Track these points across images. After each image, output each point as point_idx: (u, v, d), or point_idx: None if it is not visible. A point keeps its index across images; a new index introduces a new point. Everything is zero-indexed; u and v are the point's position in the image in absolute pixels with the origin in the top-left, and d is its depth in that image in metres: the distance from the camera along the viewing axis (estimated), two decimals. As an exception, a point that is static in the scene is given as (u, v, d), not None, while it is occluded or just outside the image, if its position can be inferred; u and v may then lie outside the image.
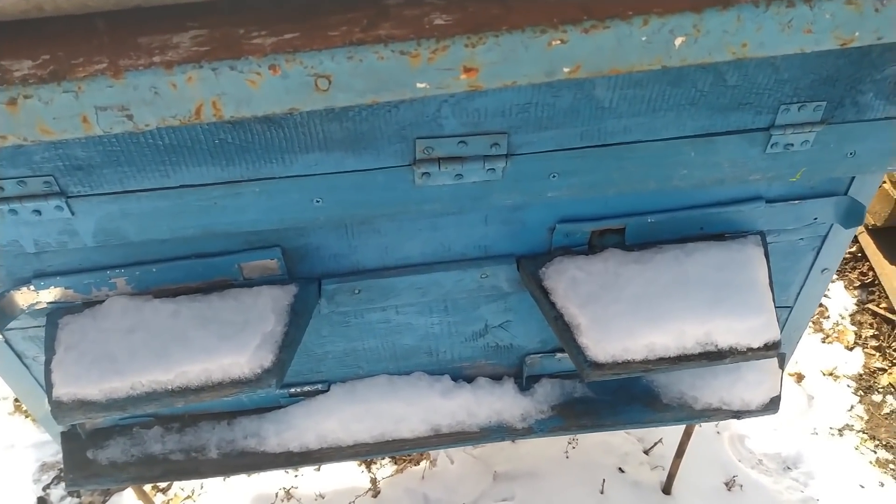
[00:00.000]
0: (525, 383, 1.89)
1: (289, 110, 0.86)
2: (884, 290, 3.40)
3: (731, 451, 2.79)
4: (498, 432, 1.84)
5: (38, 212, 1.29)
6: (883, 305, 3.40)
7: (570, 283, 1.51)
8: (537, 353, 1.86)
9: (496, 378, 1.91)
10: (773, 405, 1.88)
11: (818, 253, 1.74)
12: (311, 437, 1.80)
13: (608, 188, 1.43)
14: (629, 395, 1.87)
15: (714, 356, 1.46)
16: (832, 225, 1.67)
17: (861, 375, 3.17)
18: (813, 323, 3.38)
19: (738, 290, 1.48)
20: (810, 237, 1.69)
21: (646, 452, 2.74)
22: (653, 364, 1.44)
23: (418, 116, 1.25)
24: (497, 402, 1.85)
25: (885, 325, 3.34)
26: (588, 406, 1.86)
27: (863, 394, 3.10)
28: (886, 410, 3.03)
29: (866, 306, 3.43)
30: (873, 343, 3.29)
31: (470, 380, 1.90)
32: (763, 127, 1.37)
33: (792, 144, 1.40)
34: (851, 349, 3.27)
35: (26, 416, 3.11)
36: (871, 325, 3.36)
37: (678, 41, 0.88)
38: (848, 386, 3.13)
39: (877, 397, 3.09)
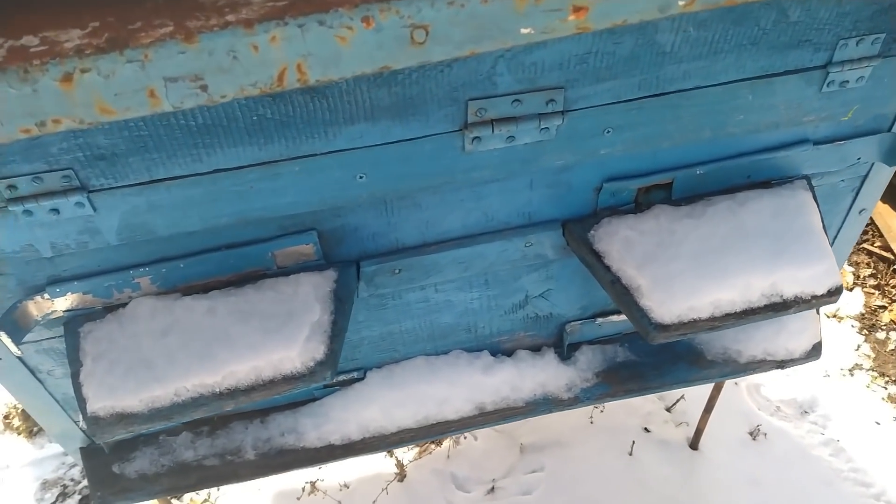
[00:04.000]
0: (566, 352, 1.83)
1: (380, 69, 0.76)
2: (878, 229, 3.43)
3: (751, 401, 2.80)
4: (544, 405, 1.78)
5: (55, 210, 1.16)
6: (878, 244, 3.43)
7: (623, 244, 1.44)
8: (577, 320, 1.79)
9: (535, 350, 1.84)
10: (815, 352, 1.85)
11: (857, 194, 1.70)
12: (353, 428, 1.71)
13: (662, 141, 1.36)
14: (673, 355, 1.82)
15: (780, 307, 1.41)
16: (873, 164, 1.63)
17: (863, 315, 3.21)
18: (812, 267, 3.40)
19: (798, 237, 1.43)
20: (851, 178, 1.65)
21: (668, 410, 2.72)
22: (719, 321, 1.39)
23: (472, 75, 1.15)
24: (540, 374, 1.79)
25: (882, 264, 3.37)
26: (633, 370, 1.81)
27: (867, 332, 3.14)
28: (892, 347, 3.07)
29: (861, 246, 3.46)
30: (871, 282, 3.33)
31: (509, 354, 1.83)
32: (820, 65, 1.31)
33: (847, 81, 1.34)
34: (851, 290, 3.30)
35: (18, 434, 2.94)
36: (867, 264, 3.40)
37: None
38: (852, 326, 3.17)
39: (881, 335, 3.13)
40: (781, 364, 1.84)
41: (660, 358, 1.83)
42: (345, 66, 0.74)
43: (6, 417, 2.98)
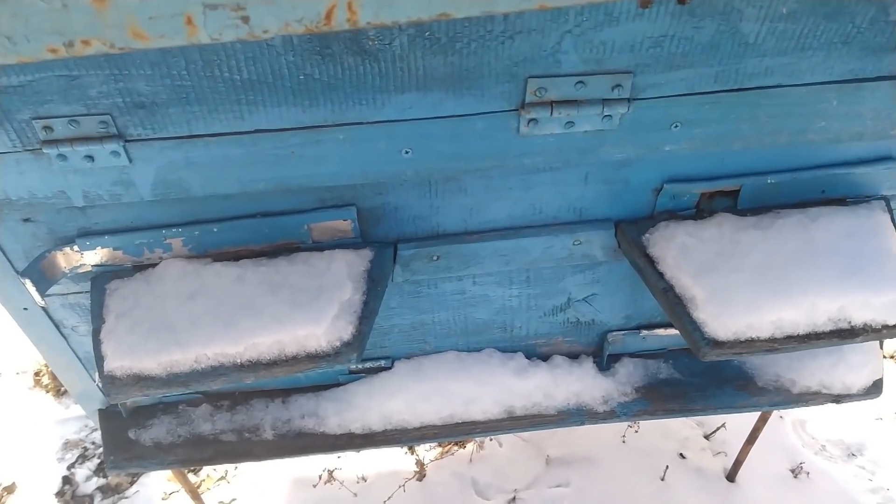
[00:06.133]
0: (605, 363, 1.73)
1: (438, 16, 0.69)
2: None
3: (795, 437, 2.64)
4: (577, 416, 1.69)
5: (90, 157, 1.12)
6: (945, 286, 3.23)
7: (680, 250, 1.34)
8: (620, 329, 1.69)
9: (573, 357, 1.75)
10: (875, 389, 1.72)
11: (940, 222, 1.56)
12: (375, 418, 1.64)
13: (734, 142, 1.26)
14: (720, 378, 1.71)
15: (846, 334, 1.29)
16: (961, 191, 1.49)
17: (924, 359, 3.02)
18: (871, 304, 3.21)
19: (873, 260, 1.31)
20: (934, 205, 1.52)
21: (706, 437, 2.59)
22: (780, 343, 1.28)
23: (534, 50, 1.07)
24: (576, 383, 1.69)
25: (948, 307, 3.17)
26: (675, 388, 1.71)
27: (927, 378, 2.94)
28: (953, 396, 2.87)
29: (927, 287, 3.26)
30: (936, 325, 3.12)
31: (544, 358, 1.74)
32: (918, 72, 1.20)
33: (946, 94, 1.22)
34: (913, 331, 3.10)
35: (47, 391, 2.96)
36: (932, 306, 3.19)
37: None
38: (911, 370, 2.97)
39: (941, 382, 2.93)
40: (837, 398, 1.71)
41: (706, 379, 1.71)
42: (399, 9, 0.67)
43: (36, 374, 3.00)
